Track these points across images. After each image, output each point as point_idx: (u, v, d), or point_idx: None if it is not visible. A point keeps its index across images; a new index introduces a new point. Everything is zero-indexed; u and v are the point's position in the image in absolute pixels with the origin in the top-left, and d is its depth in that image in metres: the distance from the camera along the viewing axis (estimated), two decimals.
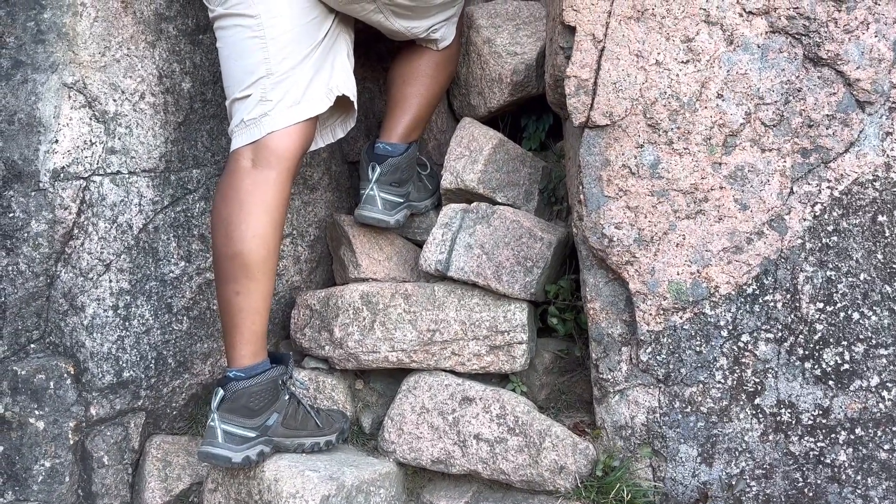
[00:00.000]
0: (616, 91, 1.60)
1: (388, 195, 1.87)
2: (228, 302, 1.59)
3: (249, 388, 1.57)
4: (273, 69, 1.60)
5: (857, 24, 1.54)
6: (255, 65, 1.60)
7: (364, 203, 1.88)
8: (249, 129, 1.62)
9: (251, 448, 1.57)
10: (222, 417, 1.56)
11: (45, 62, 1.70)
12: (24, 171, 1.68)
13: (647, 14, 1.58)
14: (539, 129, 2.13)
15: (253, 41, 1.60)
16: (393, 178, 1.88)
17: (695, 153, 1.58)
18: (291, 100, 1.62)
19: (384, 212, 1.87)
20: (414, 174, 1.95)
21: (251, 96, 1.62)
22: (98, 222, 1.72)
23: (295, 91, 1.62)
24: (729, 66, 1.56)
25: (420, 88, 1.91)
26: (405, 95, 1.91)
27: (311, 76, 1.65)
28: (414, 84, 1.89)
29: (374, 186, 1.86)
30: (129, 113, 1.76)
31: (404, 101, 1.91)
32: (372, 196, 1.87)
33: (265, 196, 1.59)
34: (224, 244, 1.58)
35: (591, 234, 1.63)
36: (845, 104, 1.55)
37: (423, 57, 1.89)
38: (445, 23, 1.86)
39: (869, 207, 1.55)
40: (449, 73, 1.95)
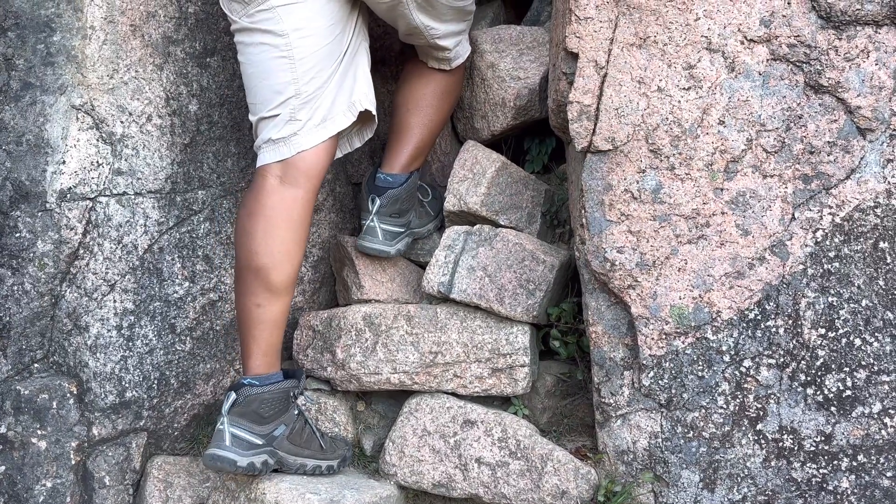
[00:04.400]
0: (618, 117, 1.62)
1: (388, 226, 1.88)
2: (248, 313, 1.62)
3: (262, 394, 1.59)
4: (301, 90, 1.62)
5: (857, 52, 1.55)
6: (284, 85, 1.62)
7: (365, 233, 1.89)
8: (278, 148, 1.65)
9: (257, 455, 1.57)
10: (232, 421, 1.56)
11: (54, 84, 1.73)
12: (32, 192, 1.69)
13: (650, 41, 1.60)
14: (542, 152, 2.14)
15: (281, 61, 1.62)
16: (393, 210, 1.89)
17: (696, 179, 1.59)
18: (319, 118, 1.65)
19: (385, 242, 1.88)
20: (415, 203, 1.96)
21: (279, 115, 1.64)
22: (103, 243, 1.74)
23: (322, 109, 1.65)
24: (730, 93, 1.58)
25: (424, 118, 1.91)
26: (409, 125, 1.91)
27: (336, 92, 1.67)
28: (418, 113, 1.90)
29: (375, 218, 1.87)
30: (135, 135, 1.78)
31: (408, 130, 1.92)
32: (372, 227, 1.88)
33: (291, 213, 1.62)
34: (248, 257, 1.61)
35: (593, 258, 1.64)
36: (846, 131, 1.56)
37: (430, 84, 1.91)
38: (458, 37, 1.88)
39: (870, 234, 1.55)
40: (453, 101, 1.96)
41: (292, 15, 1.60)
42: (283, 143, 1.64)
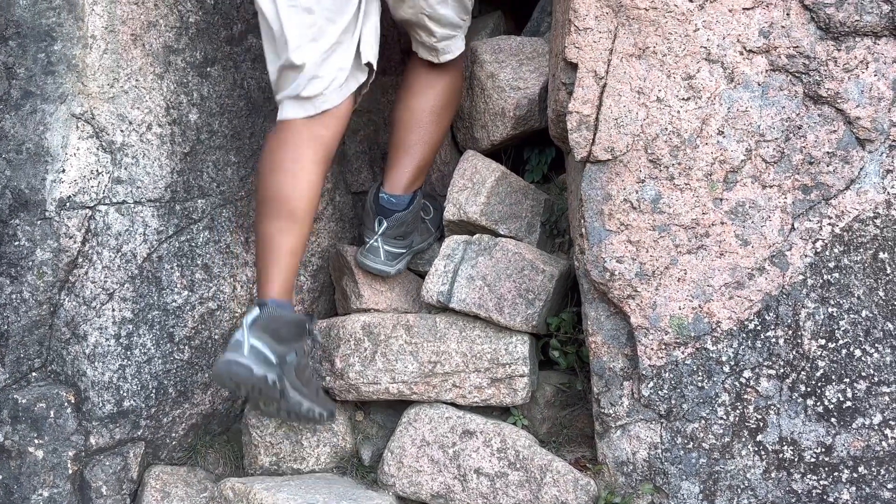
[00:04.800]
0: (617, 127, 1.62)
1: (391, 247, 1.89)
2: (271, 238, 1.66)
3: (283, 316, 1.63)
4: (322, 46, 1.66)
5: (856, 63, 1.55)
6: (302, 40, 1.65)
7: (367, 251, 1.89)
8: (304, 106, 1.70)
9: (270, 371, 1.57)
10: (253, 333, 1.58)
11: (55, 93, 1.73)
12: (31, 200, 1.69)
13: (649, 52, 1.60)
14: (541, 162, 2.14)
15: (301, 16, 1.65)
16: (398, 232, 1.90)
17: (696, 189, 1.59)
18: (343, 77, 1.70)
19: (386, 262, 1.88)
20: (418, 223, 1.97)
21: (303, 73, 1.67)
22: (102, 251, 1.74)
23: (344, 65, 1.70)
24: (729, 104, 1.58)
25: (424, 135, 1.90)
26: (408, 143, 1.90)
27: (354, 48, 1.72)
28: (416, 131, 1.89)
29: (379, 239, 1.88)
30: (135, 143, 1.78)
31: (408, 149, 1.90)
32: (376, 247, 1.88)
33: (317, 153, 1.70)
34: (273, 186, 1.67)
35: (592, 268, 1.63)
36: (846, 142, 1.56)
37: (428, 100, 1.88)
38: (450, 29, 1.84)
39: (870, 244, 1.55)
40: (451, 115, 1.95)
41: None
42: (308, 103, 1.69)
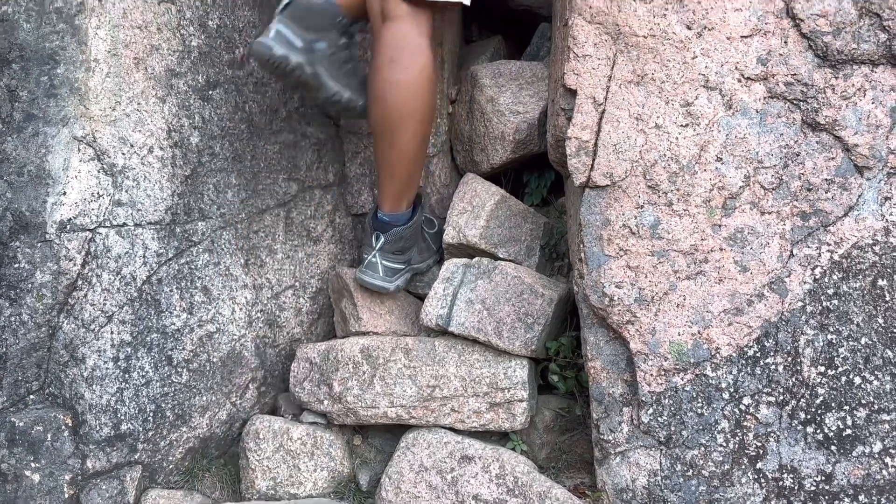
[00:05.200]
0: (616, 153, 1.62)
1: (389, 262, 1.88)
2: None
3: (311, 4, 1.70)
4: None
5: (854, 90, 1.56)
6: None
7: (365, 268, 1.89)
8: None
9: (294, 54, 1.67)
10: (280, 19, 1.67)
11: (57, 116, 1.74)
12: (32, 223, 1.70)
13: (647, 79, 1.61)
14: (541, 185, 2.15)
15: None
16: (396, 247, 1.89)
17: (694, 215, 1.60)
18: None
19: (384, 278, 1.88)
20: (418, 239, 1.96)
21: None
22: (102, 274, 1.74)
23: None
24: (728, 130, 1.59)
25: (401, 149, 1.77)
26: (385, 159, 1.79)
27: None
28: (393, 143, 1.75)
29: (377, 254, 1.87)
30: (136, 166, 1.79)
31: (386, 165, 1.81)
32: (374, 263, 1.88)
33: None
34: None
35: (591, 293, 1.63)
36: (844, 169, 1.57)
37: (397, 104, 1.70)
38: None
39: (869, 271, 1.55)
40: (427, 117, 1.75)
41: None
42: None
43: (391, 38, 1.66)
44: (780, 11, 1.57)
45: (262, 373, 1.96)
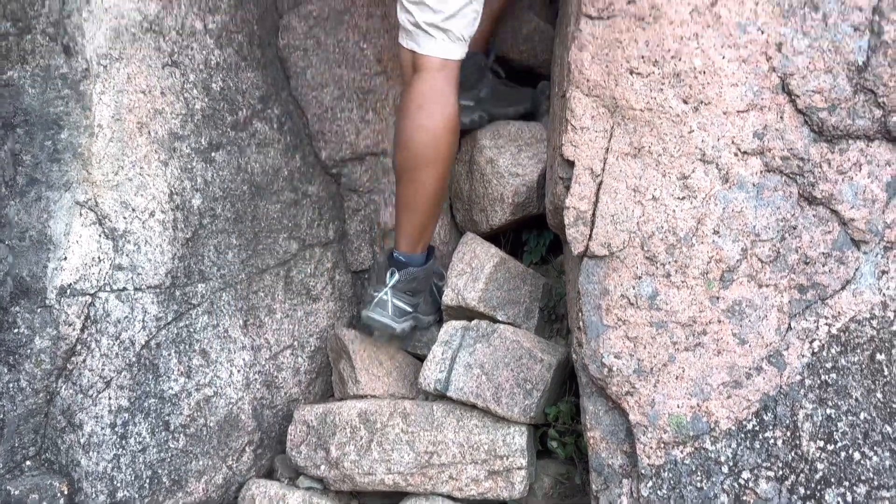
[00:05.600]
0: (614, 223, 1.63)
1: (399, 302, 1.89)
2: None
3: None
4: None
5: (850, 165, 1.58)
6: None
7: (374, 305, 1.88)
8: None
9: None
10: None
11: (60, 181, 1.75)
12: (32, 288, 1.70)
13: (644, 151, 1.63)
14: (540, 244, 2.16)
15: None
16: (409, 287, 1.90)
17: (692, 287, 1.60)
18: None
19: (393, 318, 1.87)
20: (428, 287, 1.97)
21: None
22: (101, 339, 1.74)
23: None
24: (725, 204, 1.60)
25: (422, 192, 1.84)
26: (407, 200, 1.86)
27: None
28: (408, 182, 1.83)
29: (389, 291, 1.88)
30: (138, 230, 1.80)
31: (408, 205, 1.87)
32: (384, 301, 1.88)
33: None
34: None
35: (590, 363, 1.63)
36: (841, 242, 1.58)
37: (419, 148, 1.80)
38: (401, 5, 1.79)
39: (867, 346, 1.55)
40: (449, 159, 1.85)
41: None
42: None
43: (422, 86, 1.78)
44: (775, 87, 1.59)
45: (258, 435, 1.95)
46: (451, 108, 1.79)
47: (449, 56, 1.78)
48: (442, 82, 1.78)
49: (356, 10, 2.13)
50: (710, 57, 1.61)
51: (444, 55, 1.78)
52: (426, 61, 1.78)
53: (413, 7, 1.76)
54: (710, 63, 1.61)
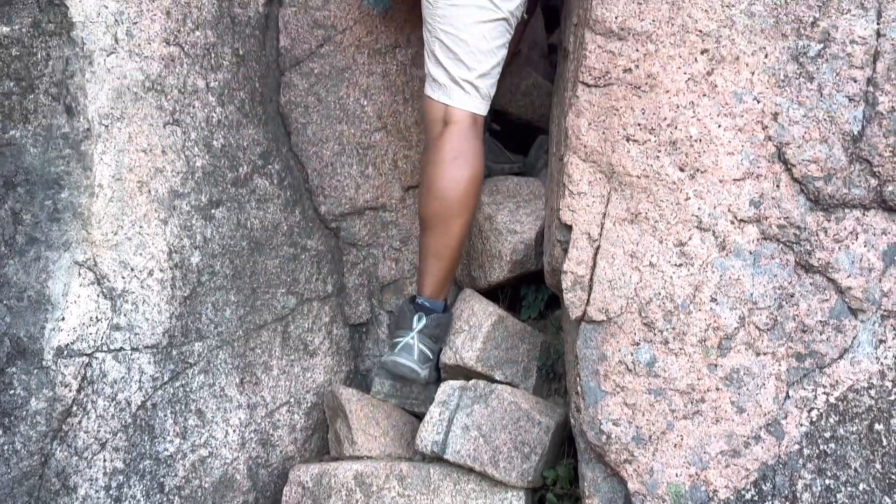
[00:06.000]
0: (611, 289, 1.64)
1: (425, 347, 1.90)
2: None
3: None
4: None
5: (846, 233, 1.58)
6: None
7: (400, 350, 1.89)
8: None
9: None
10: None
11: (59, 240, 1.76)
12: (29, 349, 1.70)
13: (641, 217, 1.64)
14: (538, 300, 2.16)
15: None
16: (433, 333, 1.92)
17: (690, 354, 1.60)
18: None
19: (418, 363, 1.89)
20: (447, 335, 1.98)
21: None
22: (97, 400, 1.73)
23: None
24: (722, 271, 1.60)
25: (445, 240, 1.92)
26: (435, 247, 1.92)
27: None
28: (438, 231, 1.90)
29: (416, 336, 1.90)
30: (136, 290, 1.80)
31: (436, 252, 1.93)
32: (410, 345, 1.89)
33: None
34: None
35: (588, 429, 1.63)
36: (838, 311, 1.58)
37: (445, 202, 1.88)
38: (435, 60, 1.89)
39: (865, 415, 1.55)
40: (473, 210, 1.93)
41: None
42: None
43: (455, 139, 1.87)
44: (771, 156, 1.60)
45: (253, 495, 1.93)
46: (481, 159, 1.90)
47: (479, 111, 1.90)
48: (472, 135, 1.89)
49: (357, 68, 2.15)
50: (707, 125, 1.62)
51: (475, 110, 1.89)
52: (459, 115, 1.88)
53: (450, 62, 1.85)
54: (706, 131, 1.62)
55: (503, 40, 1.86)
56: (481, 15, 1.81)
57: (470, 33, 1.82)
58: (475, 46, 1.82)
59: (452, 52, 1.84)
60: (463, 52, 1.83)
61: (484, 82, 1.87)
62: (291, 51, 2.12)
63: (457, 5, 1.82)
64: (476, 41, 1.82)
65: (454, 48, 1.83)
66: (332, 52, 2.14)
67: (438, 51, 1.86)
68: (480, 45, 1.82)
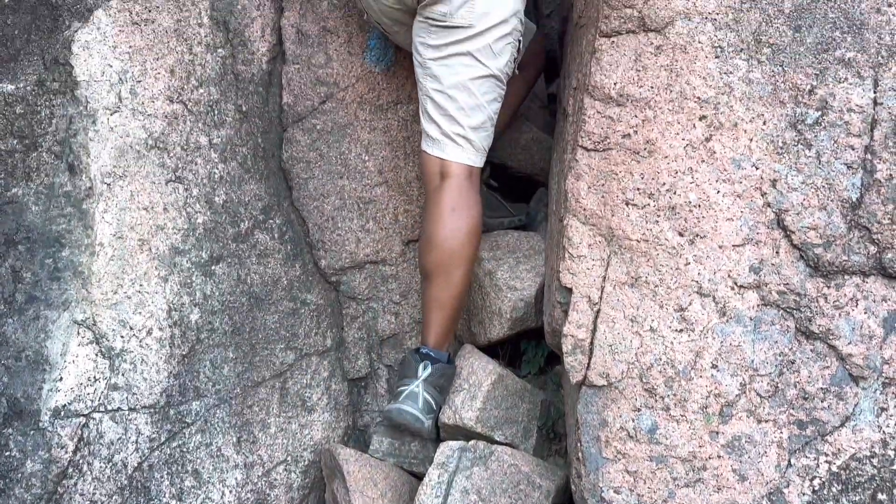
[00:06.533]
0: (612, 353, 1.63)
1: (430, 397, 1.89)
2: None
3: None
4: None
5: (846, 300, 1.58)
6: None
7: (405, 398, 1.87)
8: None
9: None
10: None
11: (59, 299, 1.76)
12: (26, 410, 1.69)
13: (641, 281, 1.64)
14: (538, 356, 2.15)
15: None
16: (438, 383, 1.91)
17: (692, 421, 1.59)
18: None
19: (423, 412, 1.86)
20: (449, 387, 1.97)
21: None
22: (93, 461, 1.72)
23: None
24: (722, 338, 1.60)
25: (448, 290, 1.92)
26: (438, 297, 1.93)
27: None
28: (440, 281, 1.91)
29: (421, 384, 1.88)
30: (134, 349, 1.80)
31: (439, 302, 1.93)
32: (416, 393, 1.87)
33: None
34: None
35: (589, 497, 1.61)
36: (839, 378, 1.57)
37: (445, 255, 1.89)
38: (428, 117, 1.93)
39: (868, 485, 1.53)
40: (473, 259, 1.95)
41: None
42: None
43: (453, 191, 1.91)
44: (770, 222, 1.61)
45: None
46: (478, 209, 1.94)
47: (474, 163, 1.93)
48: (469, 187, 1.93)
49: (359, 124, 2.17)
50: (705, 191, 1.63)
51: (470, 162, 1.92)
52: (454, 168, 1.91)
53: (441, 118, 1.90)
54: (705, 197, 1.63)
55: (493, 95, 1.90)
56: (468, 73, 1.85)
57: (458, 90, 1.86)
58: (464, 102, 1.87)
59: (442, 108, 1.89)
60: (453, 108, 1.87)
61: (477, 135, 1.91)
62: (294, 107, 2.14)
63: (445, 65, 1.86)
64: (464, 97, 1.87)
65: (444, 104, 1.88)
66: (335, 109, 2.16)
67: (430, 107, 1.91)
68: (469, 101, 1.87)
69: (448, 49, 1.84)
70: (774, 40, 1.63)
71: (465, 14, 1.81)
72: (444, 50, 1.85)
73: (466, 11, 1.81)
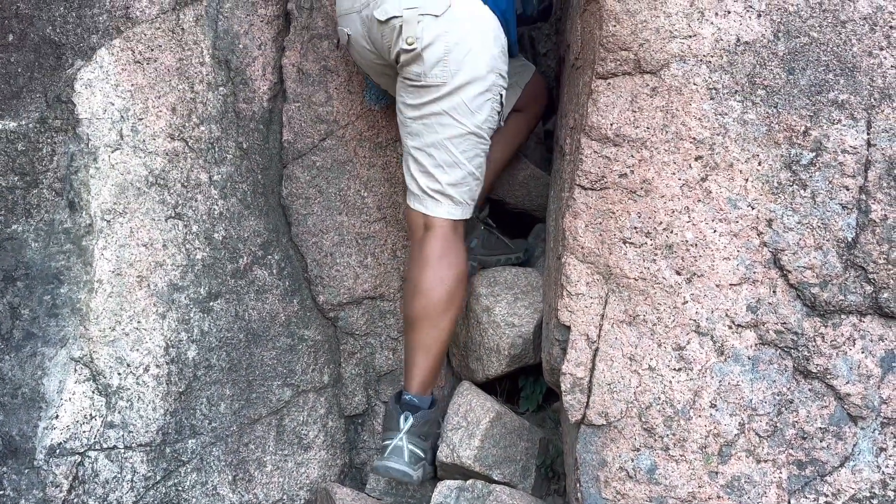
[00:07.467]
0: (611, 392, 1.63)
1: (415, 447, 1.87)
2: None
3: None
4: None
5: (843, 339, 1.59)
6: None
7: (390, 454, 1.85)
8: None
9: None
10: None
11: (56, 336, 1.76)
12: (21, 448, 1.68)
13: (639, 320, 1.64)
14: (536, 392, 2.14)
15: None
16: (422, 431, 1.89)
17: (691, 461, 1.58)
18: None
19: (409, 465, 1.85)
20: (436, 429, 1.96)
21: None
22: (88, 501, 1.70)
23: None
24: (721, 377, 1.60)
25: (430, 338, 1.92)
26: (423, 343, 1.92)
27: None
28: (426, 327, 1.90)
29: (405, 437, 1.86)
30: (131, 386, 1.79)
31: (424, 348, 1.93)
32: (400, 447, 1.86)
33: None
34: None
35: None
36: (838, 417, 1.57)
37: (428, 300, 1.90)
38: (409, 172, 1.94)
39: None
40: (460, 306, 1.95)
41: None
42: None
43: (437, 242, 1.92)
44: (767, 262, 1.62)
45: None
46: (463, 257, 1.96)
47: (456, 217, 1.93)
48: (454, 238, 1.94)
49: (358, 161, 2.19)
50: (702, 230, 1.64)
51: (451, 217, 1.92)
52: (436, 222, 1.92)
53: (420, 175, 1.91)
54: (701, 236, 1.64)
55: (474, 152, 1.90)
56: (446, 132, 1.86)
57: (435, 148, 1.87)
58: (441, 160, 1.88)
59: (421, 165, 1.90)
60: (430, 166, 1.89)
61: (456, 191, 1.90)
62: (294, 144, 2.16)
63: (424, 123, 1.88)
64: (442, 155, 1.87)
65: (423, 161, 1.89)
66: (335, 146, 2.18)
67: (411, 163, 1.93)
68: (446, 159, 1.87)
69: (425, 108, 1.86)
70: (769, 82, 1.65)
71: (438, 73, 1.82)
72: (421, 109, 1.86)
73: (440, 70, 1.82)
